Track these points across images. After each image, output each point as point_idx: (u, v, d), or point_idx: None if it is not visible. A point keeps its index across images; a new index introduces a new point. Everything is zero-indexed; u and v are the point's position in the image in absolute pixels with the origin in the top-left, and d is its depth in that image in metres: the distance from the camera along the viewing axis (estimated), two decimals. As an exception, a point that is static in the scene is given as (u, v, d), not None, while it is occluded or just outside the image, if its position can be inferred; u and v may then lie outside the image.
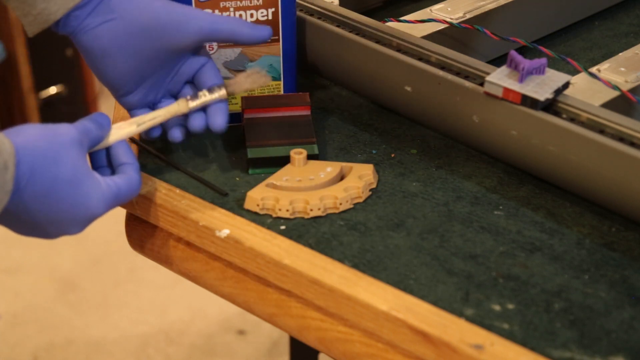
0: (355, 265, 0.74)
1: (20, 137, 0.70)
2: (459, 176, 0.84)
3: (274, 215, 0.79)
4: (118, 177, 0.76)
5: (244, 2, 0.86)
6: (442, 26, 0.95)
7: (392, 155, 0.87)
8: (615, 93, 0.85)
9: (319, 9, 0.95)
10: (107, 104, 2.42)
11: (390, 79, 0.88)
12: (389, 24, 0.95)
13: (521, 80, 0.79)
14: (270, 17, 0.88)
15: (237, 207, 0.80)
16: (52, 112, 2.19)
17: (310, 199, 0.79)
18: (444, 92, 0.84)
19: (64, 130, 0.72)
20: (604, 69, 0.90)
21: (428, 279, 0.72)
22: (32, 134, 0.71)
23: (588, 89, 0.85)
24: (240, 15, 0.87)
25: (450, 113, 0.85)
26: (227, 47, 0.88)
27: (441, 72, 0.85)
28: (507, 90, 0.79)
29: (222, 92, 0.81)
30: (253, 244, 0.76)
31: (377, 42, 0.90)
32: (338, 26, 0.93)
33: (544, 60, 0.81)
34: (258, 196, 0.79)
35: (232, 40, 0.82)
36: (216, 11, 0.86)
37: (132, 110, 0.83)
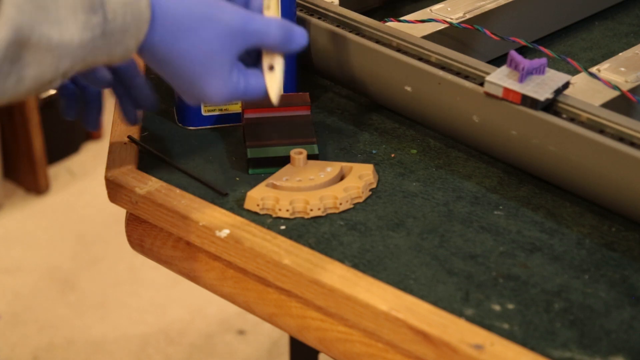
0: (355, 265, 0.74)
1: None
2: (459, 176, 0.84)
3: (274, 215, 0.79)
4: (253, 75, 0.74)
5: (244, 2, 0.86)
6: (442, 26, 0.95)
7: (392, 155, 0.87)
8: (615, 93, 0.85)
9: (319, 9, 0.95)
10: (107, 104, 2.42)
11: (390, 79, 0.88)
12: (389, 24, 0.95)
13: (521, 80, 0.79)
14: (270, 17, 0.87)
15: (237, 207, 0.80)
16: (52, 112, 2.19)
17: (310, 199, 0.79)
18: (444, 92, 0.84)
19: (227, 14, 0.71)
20: (604, 69, 0.90)
21: (428, 279, 0.72)
22: None
23: (588, 89, 0.85)
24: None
25: (450, 113, 0.85)
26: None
27: (441, 72, 0.85)
28: (507, 90, 0.79)
29: None
30: (253, 244, 0.76)
31: (377, 42, 0.90)
32: (338, 26, 0.93)
33: (544, 60, 0.81)
34: (258, 196, 0.79)
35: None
36: (216, 11, 0.86)
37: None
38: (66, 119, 0.86)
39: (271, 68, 0.75)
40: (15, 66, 0.61)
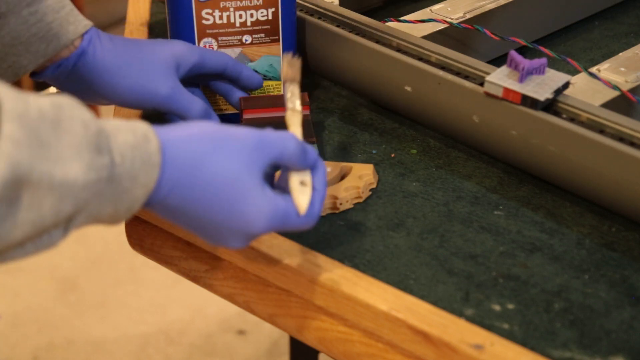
0: (355, 265, 0.74)
1: (182, 130, 0.66)
2: (459, 176, 0.84)
3: (274, 215, 0.79)
4: (289, 195, 0.68)
5: (244, 2, 0.86)
6: (442, 26, 0.95)
7: (392, 155, 0.87)
8: (615, 93, 0.85)
9: (319, 9, 0.95)
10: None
11: (390, 79, 0.88)
12: (389, 24, 0.95)
13: (521, 80, 0.79)
14: (270, 17, 0.88)
15: (237, 207, 0.80)
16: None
17: (310, 199, 0.78)
18: (444, 92, 0.84)
19: (241, 134, 0.67)
20: (604, 69, 0.90)
21: (428, 279, 0.72)
22: (196, 128, 0.67)
23: (588, 89, 0.85)
24: (241, 16, 0.87)
25: (450, 113, 0.85)
26: (227, 47, 0.88)
27: (441, 72, 0.85)
28: (507, 90, 0.79)
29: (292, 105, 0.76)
30: (253, 244, 0.76)
31: (377, 42, 0.90)
32: (338, 26, 0.93)
33: (544, 60, 0.81)
34: (258, 196, 0.79)
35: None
36: (216, 11, 0.86)
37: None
38: None
39: (302, 183, 0.69)
40: (12, 208, 0.54)
